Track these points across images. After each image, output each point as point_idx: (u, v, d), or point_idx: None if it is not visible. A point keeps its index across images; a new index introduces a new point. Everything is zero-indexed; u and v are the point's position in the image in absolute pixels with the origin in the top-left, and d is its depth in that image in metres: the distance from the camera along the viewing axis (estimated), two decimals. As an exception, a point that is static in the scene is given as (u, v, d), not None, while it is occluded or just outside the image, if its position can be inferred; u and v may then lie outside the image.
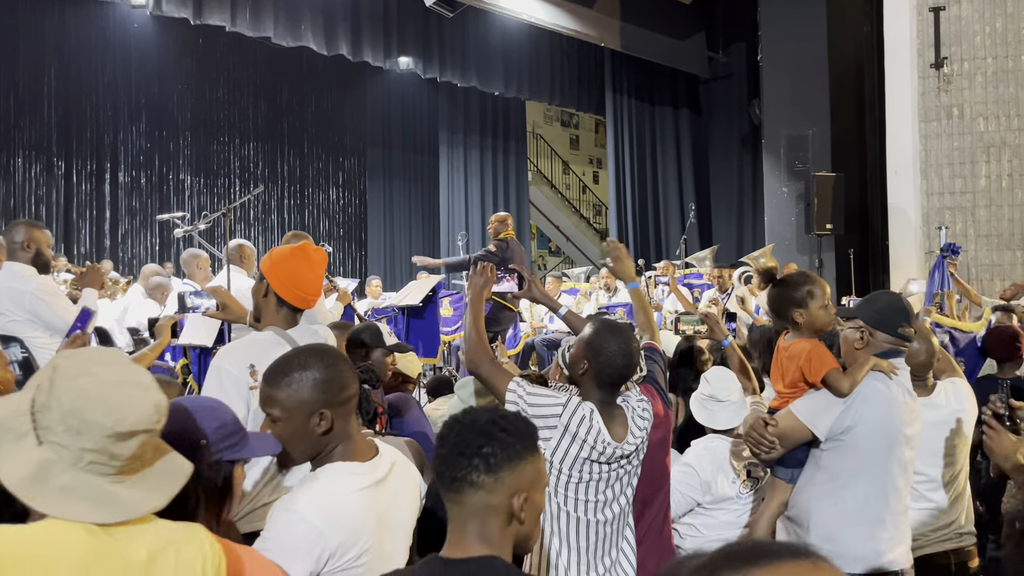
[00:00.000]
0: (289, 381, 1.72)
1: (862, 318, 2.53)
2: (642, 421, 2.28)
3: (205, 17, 9.39)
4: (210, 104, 12.91)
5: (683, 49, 13.77)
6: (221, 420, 1.61)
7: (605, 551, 2.26)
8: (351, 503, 1.72)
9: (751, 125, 13.63)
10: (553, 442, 2.19)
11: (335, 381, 1.74)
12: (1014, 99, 8.85)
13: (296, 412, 1.71)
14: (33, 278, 3.99)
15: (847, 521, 2.41)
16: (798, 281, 2.60)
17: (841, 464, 2.43)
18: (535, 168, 17.79)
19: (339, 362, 1.78)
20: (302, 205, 14.22)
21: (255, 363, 2.35)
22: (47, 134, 11.21)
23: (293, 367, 1.73)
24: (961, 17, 9.01)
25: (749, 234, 14.03)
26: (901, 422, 2.44)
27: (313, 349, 1.81)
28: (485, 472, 1.41)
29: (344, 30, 10.77)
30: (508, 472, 1.41)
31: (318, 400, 1.71)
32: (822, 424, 2.43)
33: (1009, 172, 8.88)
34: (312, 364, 1.73)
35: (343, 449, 1.76)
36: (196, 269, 6.03)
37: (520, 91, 13.88)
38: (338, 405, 1.74)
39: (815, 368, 2.45)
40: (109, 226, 11.82)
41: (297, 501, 1.68)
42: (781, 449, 2.48)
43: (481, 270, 2.58)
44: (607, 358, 2.22)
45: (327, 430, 1.73)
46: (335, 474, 1.73)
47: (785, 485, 2.56)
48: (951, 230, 8.96)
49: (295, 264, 2.52)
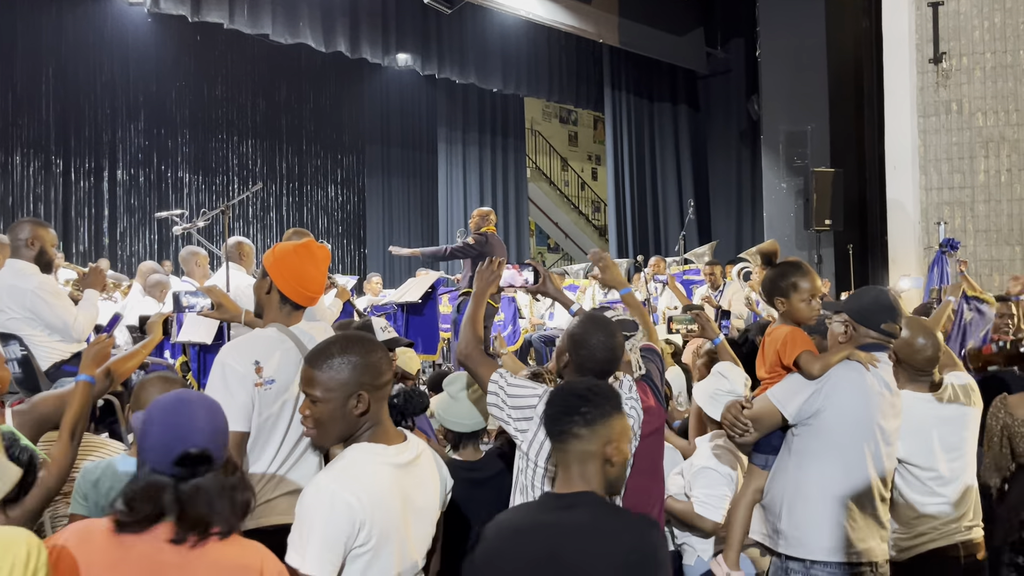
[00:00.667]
0: (331, 364, 1.82)
1: (847, 312, 2.55)
2: (628, 418, 2.25)
3: (203, 14, 9.38)
4: (208, 101, 12.88)
5: (681, 45, 13.76)
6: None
7: None
8: (376, 477, 1.79)
9: (750, 121, 13.62)
10: (530, 434, 2.18)
11: (374, 366, 1.85)
12: (1013, 94, 8.85)
13: (336, 393, 1.81)
14: (35, 276, 3.98)
15: (817, 508, 2.41)
16: (787, 271, 2.65)
17: (810, 449, 2.44)
18: (534, 165, 17.78)
19: (377, 349, 1.89)
20: (301, 202, 14.21)
21: (260, 359, 2.36)
22: (45, 132, 11.18)
23: (335, 351, 1.84)
24: (960, 12, 9.00)
25: (748, 230, 14.03)
26: (876, 412, 2.44)
27: (353, 336, 1.92)
28: (584, 426, 1.78)
29: (342, 27, 10.76)
30: (601, 425, 1.79)
31: (357, 382, 1.81)
32: (791, 405, 2.44)
33: (1008, 167, 8.88)
34: (352, 349, 1.84)
35: (372, 432, 1.86)
36: (195, 267, 6.03)
37: (518, 87, 13.86)
38: (375, 389, 1.84)
39: (788, 351, 2.49)
40: (108, 224, 11.80)
41: (323, 479, 1.76)
42: (756, 432, 2.49)
43: (490, 264, 2.57)
44: (588, 351, 2.22)
45: (363, 412, 1.83)
46: (362, 451, 1.83)
47: (760, 471, 2.57)
48: (950, 225, 8.95)
49: (299, 261, 2.52)
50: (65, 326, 3.99)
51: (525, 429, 2.19)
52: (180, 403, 1.62)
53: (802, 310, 2.60)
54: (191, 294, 4.88)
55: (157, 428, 1.58)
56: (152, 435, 1.57)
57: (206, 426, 1.59)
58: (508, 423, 2.22)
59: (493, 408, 2.26)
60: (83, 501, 2.21)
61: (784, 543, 2.46)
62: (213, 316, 2.89)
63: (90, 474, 2.24)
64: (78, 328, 4.04)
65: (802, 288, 2.60)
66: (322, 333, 2.64)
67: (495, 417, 2.29)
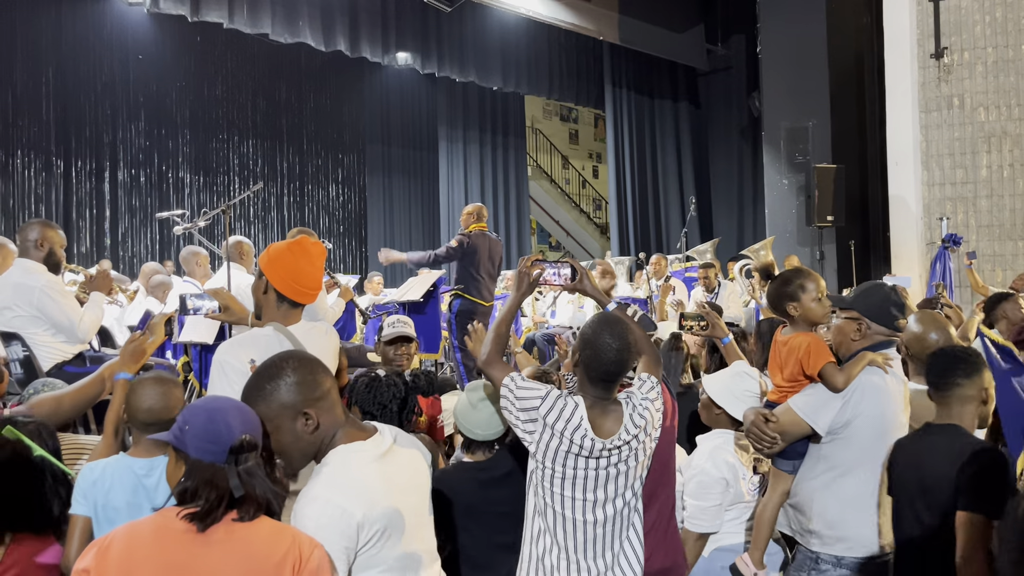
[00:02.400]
0: (265, 394, 1.77)
1: (859, 310, 2.60)
2: (640, 420, 2.22)
3: (202, 14, 9.37)
4: (209, 101, 12.89)
5: (682, 42, 13.74)
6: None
7: (598, 552, 2.22)
8: (365, 475, 1.78)
9: (751, 117, 13.60)
10: (536, 435, 2.17)
11: (307, 381, 1.80)
12: (1015, 88, 8.83)
13: (282, 420, 1.77)
14: (43, 275, 4.02)
15: (847, 508, 2.52)
16: (790, 277, 2.70)
17: (841, 456, 2.53)
18: (534, 163, 17.77)
19: (307, 362, 1.84)
20: (302, 202, 14.21)
21: (256, 358, 2.35)
22: (46, 133, 11.19)
23: (264, 379, 1.79)
24: (961, 7, 8.98)
25: (750, 226, 14.01)
26: (898, 411, 2.56)
27: (279, 357, 1.85)
28: (964, 377, 2.40)
29: (342, 26, 10.75)
30: (978, 376, 2.42)
31: (298, 402, 1.77)
32: (822, 420, 2.52)
33: (1010, 162, 8.86)
34: (282, 371, 1.79)
35: (341, 436, 1.83)
36: (196, 266, 6.03)
37: (519, 86, 13.85)
38: (318, 401, 1.79)
39: (813, 362, 2.53)
40: (109, 224, 11.81)
41: (313, 489, 1.75)
42: (783, 444, 2.56)
43: (529, 270, 2.49)
44: (593, 351, 2.21)
45: (315, 428, 1.79)
46: (342, 455, 1.80)
47: (787, 476, 2.65)
48: (952, 221, 8.94)
49: (292, 259, 2.51)
50: (71, 325, 4.01)
51: (532, 431, 2.18)
52: (219, 400, 1.75)
53: (815, 310, 2.63)
54: (197, 296, 4.88)
55: (204, 421, 1.66)
56: (198, 427, 1.66)
57: (248, 417, 1.71)
58: (517, 425, 2.21)
59: (504, 411, 2.25)
60: (83, 500, 2.21)
61: (818, 542, 2.57)
62: (220, 318, 2.87)
63: (90, 474, 2.24)
64: (83, 328, 4.06)
65: (809, 288, 2.64)
66: (322, 334, 2.63)
67: (507, 420, 2.28)
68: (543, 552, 2.22)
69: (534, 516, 2.25)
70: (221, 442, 1.64)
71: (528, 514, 2.28)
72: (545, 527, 2.22)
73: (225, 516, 1.62)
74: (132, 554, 1.59)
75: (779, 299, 2.68)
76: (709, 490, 2.76)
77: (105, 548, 1.59)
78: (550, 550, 2.22)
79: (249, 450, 1.67)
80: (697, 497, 2.76)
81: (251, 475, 1.65)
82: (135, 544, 1.60)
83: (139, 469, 2.26)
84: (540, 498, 2.22)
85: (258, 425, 1.73)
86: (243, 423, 1.69)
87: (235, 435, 1.65)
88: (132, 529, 1.65)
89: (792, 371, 2.61)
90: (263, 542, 1.63)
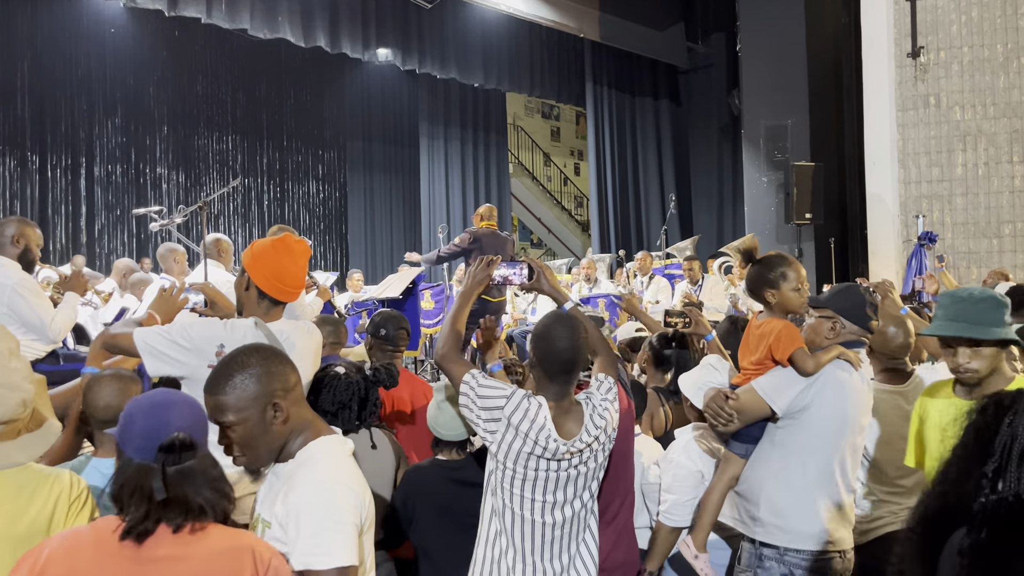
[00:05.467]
0: (233, 383, 1.72)
1: (835, 310, 2.59)
2: (601, 420, 2.22)
3: (180, 9, 9.27)
4: (187, 97, 12.76)
5: (662, 39, 13.79)
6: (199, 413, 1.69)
7: (555, 554, 2.21)
8: (351, 465, 1.79)
9: (731, 115, 13.67)
10: (498, 435, 2.15)
11: (279, 372, 1.76)
12: (990, 88, 8.93)
13: (249, 411, 1.71)
14: (16, 273, 3.95)
15: (796, 498, 2.48)
16: (773, 262, 2.66)
17: (795, 442, 2.50)
18: (516, 160, 17.77)
19: (275, 354, 1.81)
20: (282, 199, 14.12)
21: (226, 345, 2.35)
22: (20, 128, 11.04)
23: (233, 369, 1.73)
24: (937, 6, 9.07)
25: (729, 224, 14.09)
26: (859, 411, 2.54)
27: (245, 349, 1.80)
28: None
29: (322, 21, 10.68)
30: None
31: (268, 392, 1.73)
32: (781, 400, 2.49)
33: (985, 160, 8.96)
34: (251, 361, 1.74)
35: (312, 431, 1.80)
36: (173, 263, 5.96)
37: (500, 83, 13.83)
38: (288, 393, 1.76)
39: (784, 346, 2.50)
40: (85, 221, 11.68)
41: (318, 475, 1.71)
42: (738, 422, 2.53)
43: (485, 263, 2.51)
44: (547, 343, 2.20)
45: (284, 420, 1.75)
46: (326, 447, 1.78)
47: (738, 460, 2.61)
48: (928, 218, 9.03)
49: (276, 257, 2.50)
50: (43, 324, 3.96)
51: (494, 431, 2.15)
52: (162, 395, 1.67)
53: (793, 299, 2.60)
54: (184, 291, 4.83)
55: (141, 418, 1.59)
56: (136, 425, 1.59)
57: (189, 415, 1.63)
58: (478, 424, 2.19)
59: (464, 409, 2.22)
60: None
61: (762, 530, 2.52)
62: (207, 314, 2.85)
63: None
64: (55, 328, 4.01)
65: (791, 277, 2.60)
66: (304, 333, 2.60)
67: (466, 418, 2.25)
68: (499, 554, 2.20)
69: (491, 517, 2.23)
70: (157, 439, 1.56)
71: (484, 515, 2.25)
72: (502, 528, 2.20)
73: (164, 528, 1.52)
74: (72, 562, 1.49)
75: (759, 284, 2.64)
76: (684, 483, 2.76)
77: (40, 571, 1.48)
78: (506, 552, 2.19)
79: (183, 449, 1.56)
80: (672, 491, 2.77)
81: (185, 476, 1.55)
82: (75, 566, 1.50)
83: (106, 469, 2.21)
84: (499, 499, 2.20)
85: (204, 423, 1.66)
86: (185, 419, 1.61)
87: (172, 432, 1.56)
88: (71, 547, 1.53)
89: (760, 356, 2.59)
90: (216, 557, 1.54)
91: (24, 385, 1.79)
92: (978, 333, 2.24)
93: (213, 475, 1.59)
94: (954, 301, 2.32)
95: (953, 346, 2.29)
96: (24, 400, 1.77)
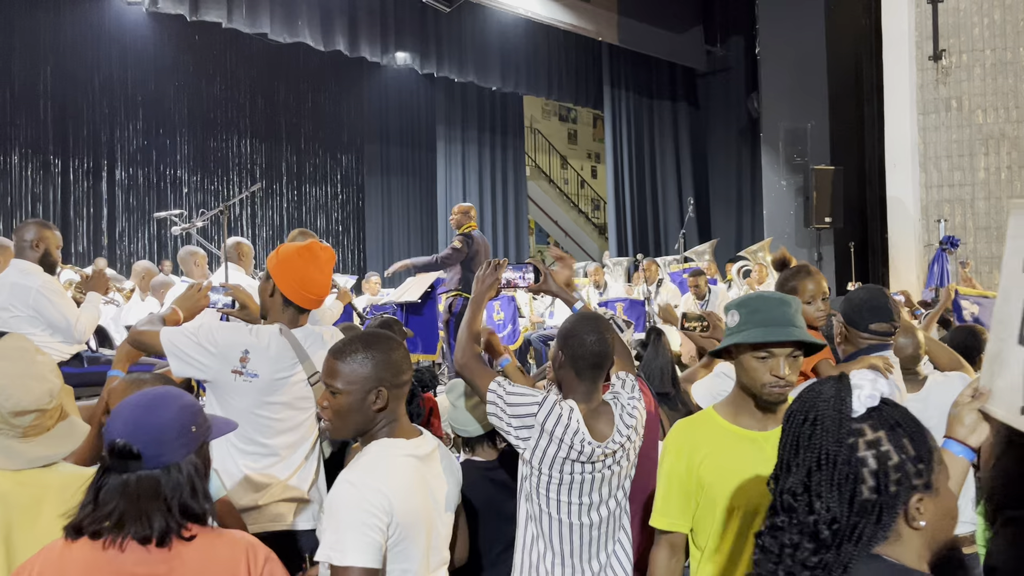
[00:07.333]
0: (355, 358, 1.83)
1: (840, 313, 2.60)
2: (631, 419, 2.22)
3: (201, 13, 9.36)
4: (207, 101, 12.87)
5: (681, 43, 13.74)
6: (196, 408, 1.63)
7: (593, 554, 2.21)
8: (401, 470, 1.81)
9: (749, 118, 13.61)
10: (532, 442, 2.14)
11: (395, 363, 1.86)
12: (1012, 91, 8.84)
13: (356, 386, 1.82)
14: (39, 276, 4.01)
15: None
16: (787, 275, 2.67)
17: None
18: (533, 163, 17.76)
19: (399, 347, 1.91)
20: (300, 202, 14.20)
21: (250, 350, 2.38)
22: (43, 132, 11.17)
23: (359, 346, 1.85)
24: (959, 9, 8.99)
25: (748, 228, 14.02)
26: None
27: (377, 333, 1.92)
28: None
29: (341, 25, 10.74)
30: None
31: (377, 378, 1.82)
32: None
33: (1008, 164, 8.87)
34: (376, 345, 1.86)
35: (389, 428, 1.87)
36: (193, 266, 6.01)
37: (518, 86, 13.84)
38: (394, 387, 1.85)
39: (807, 359, 2.46)
40: (106, 224, 11.79)
41: (350, 474, 1.77)
42: None
43: (493, 267, 2.50)
44: (578, 340, 2.18)
45: (382, 407, 1.83)
46: (383, 446, 1.84)
47: None
48: (950, 223, 8.95)
49: (302, 264, 2.50)
50: (68, 325, 4.00)
51: (527, 437, 2.14)
52: (135, 397, 1.56)
53: (807, 312, 2.56)
54: (213, 290, 4.86)
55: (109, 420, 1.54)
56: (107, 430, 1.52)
57: (143, 420, 1.49)
58: (509, 432, 2.17)
59: (493, 418, 2.20)
60: None
61: None
62: (237, 316, 2.84)
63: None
64: (80, 328, 4.05)
65: (806, 290, 2.59)
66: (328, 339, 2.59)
67: (496, 427, 2.24)
68: (538, 558, 2.20)
69: (527, 522, 2.23)
70: (107, 445, 1.47)
71: (520, 521, 2.25)
72: (539, 533, 2.20)
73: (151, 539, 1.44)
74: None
75: None
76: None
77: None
78: (544, 556, 2.20)
79: (121, 457, 1.45)
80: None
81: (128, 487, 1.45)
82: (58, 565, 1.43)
83: None
84: (534, 504, 2.20)
85: (173, 431, 1.51)
86: (130, 426, 1.47)
87: (111, 438, 1.46)
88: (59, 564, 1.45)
89: None
90: (209, 565, 1.50)
91: (50, 376, 1.80)
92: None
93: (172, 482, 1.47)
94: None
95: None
96: (51, 390, 1.77)
